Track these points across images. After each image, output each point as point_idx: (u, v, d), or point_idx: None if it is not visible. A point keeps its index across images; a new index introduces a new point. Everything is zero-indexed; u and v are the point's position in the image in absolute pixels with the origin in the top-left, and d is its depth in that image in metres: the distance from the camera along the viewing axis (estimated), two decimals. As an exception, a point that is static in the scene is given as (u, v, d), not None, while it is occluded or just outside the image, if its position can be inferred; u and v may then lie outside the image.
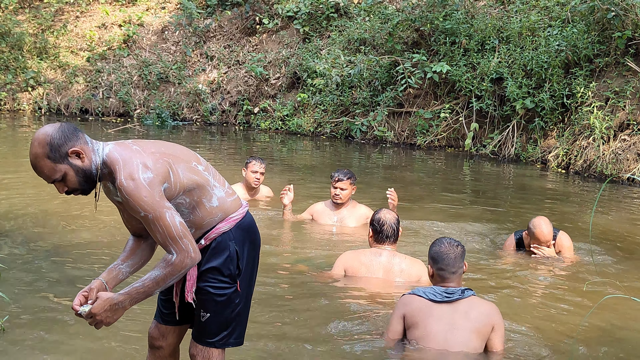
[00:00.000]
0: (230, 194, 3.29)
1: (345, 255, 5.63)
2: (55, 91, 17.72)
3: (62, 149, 2.94)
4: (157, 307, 3.51)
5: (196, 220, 3.19)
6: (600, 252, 6.77)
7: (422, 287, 4.30)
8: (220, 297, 3.24)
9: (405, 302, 4.27)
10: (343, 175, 7.13)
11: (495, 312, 4.22)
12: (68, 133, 2.97)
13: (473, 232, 7.43)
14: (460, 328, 4.11)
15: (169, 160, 3.06)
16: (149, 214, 2.93)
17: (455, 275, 4.21)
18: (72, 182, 3.01)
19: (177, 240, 2.97)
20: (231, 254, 3.23)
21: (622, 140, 11.05)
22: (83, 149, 2.99)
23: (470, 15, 14.19)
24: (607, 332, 4.81)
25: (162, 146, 3.15)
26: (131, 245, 3.33)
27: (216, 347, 3.31)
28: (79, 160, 2.98)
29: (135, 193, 2.91)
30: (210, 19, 17.91)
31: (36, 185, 9.08)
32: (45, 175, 2.99)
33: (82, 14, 19.28)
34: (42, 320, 4.66)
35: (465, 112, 13.47)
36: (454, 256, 4.21)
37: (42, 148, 2.93)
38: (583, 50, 12.06)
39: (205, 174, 3.20)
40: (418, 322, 4.17)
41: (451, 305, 4.15)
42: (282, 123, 15.64)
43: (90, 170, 3.01)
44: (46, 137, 2.93)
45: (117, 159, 2.98)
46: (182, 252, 2.98)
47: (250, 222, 3.36)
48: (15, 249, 6.25)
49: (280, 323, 4.76)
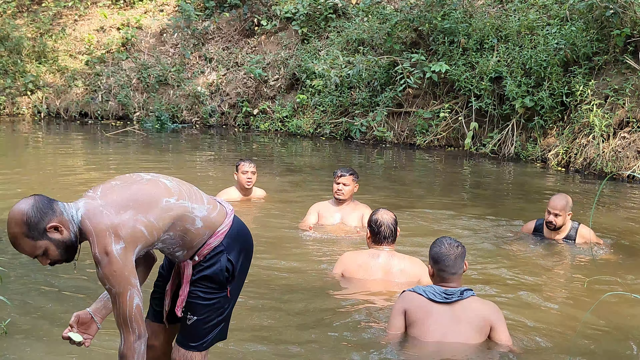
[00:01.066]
0: (212, 209, 3.28)
1: (343, 257, 5.63)
2: (55, 95, 17.73)
3: (39, 225, 2.94)
4: (150, 306, 3.53)
5: (186, 244, 3.23)
6: (601, 249, 6.77)
7: (423, 286, 4.33)
8: (209, 301, 3.29)
9: (407, 298, 4.31)
10: (346, 171, 7.17)
11: (494, 311, 4.26)
12: (43, 208, 2.96)
13: (473, 230, 7.42)
14: (458, 328, 4.15)
15: (139, 215, 3.03)
16: (113, 288, 3.00)
17: (455, 275, 4.24)
18: (54, 255, 3.03)
19: (127, 320, 3.06)
20: (222, 265, 3.27)
21: (621, 137, 11.05)
22: (61, 221, 2.98)
23: (469, 14, 14.18)
24: (608, 329, 4.82)
25: (132, 197, 3.07)
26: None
27: (200, 350, 3.35)
28: (58, 233, 2.99)
29: (108, 267, 2.97)
30: (208, 21, 17.91)
31: (36, 190, 9.09)
32: (27, 253, 3.01)
33: (81, 18, 19.29)
34: (44, 323, 4.67)
35: (464, 111, 13.47)
36: (454, 257, 4.23)
37: (19, 228, 2.93)
38: (582, 49, 12.05)
39: (180, 203, 3.17)
40: (417, 320, 4.21)
41: (450, 306, 4.18)
42: (282, 124, 15.64)
43: (71, 239, 3.03)
44: (22, 216, 2.92)
45: (90, 229, 2.99)
46: (127, 335, 3.08)
47: (239, 228, 3.37)
48: (16, 253, 6.23)
49: (276, 324, 4.75)
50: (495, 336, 4.20)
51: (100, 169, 11.07)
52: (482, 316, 4.20)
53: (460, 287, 4.26)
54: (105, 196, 3.07)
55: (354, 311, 5.01)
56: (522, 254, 6.60)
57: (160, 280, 3.50)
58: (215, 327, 3.34)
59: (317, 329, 4.69)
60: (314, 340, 4.50)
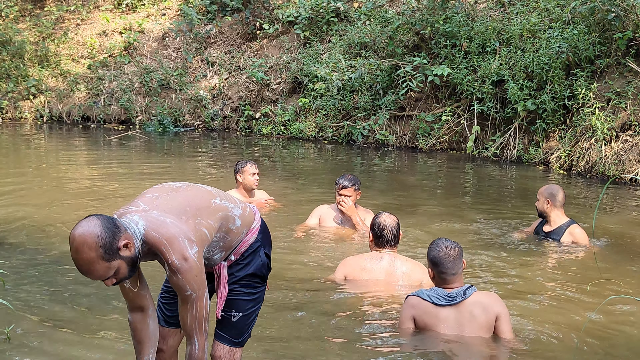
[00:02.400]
0: (245, 207, 3.37)
1: (346, 261, 5.63)
2: (57, 99, 17.76)
3: (113, 245, 2.86)
4: (159, 309, 3.53)
5: (226, 245, 3.27)
6: (603, 252, 6.77)
7: (426, 290, 4.39)
8: (253, 296, 3.39)
9: (413, 303, 4.39)
10: (348, 182, 7.08)
11: (497, 301, 4.36)
12: (112, 227, 2.87)
13: (475, 234, 7.42)
14: (467, 328, 4.24)
15: (199, 218, 3.06)
16: (194, 293, 3.00)
17: (456, 275, 4.31)
18: (123, 274, 2.96)
19: (202, 324, 3.09)
20: (263, 260, 3.39)
21: (624, 141, 11.04)
22: (127, 237, 2.92)
23: (471, 17, 14.19)
24: (611, 332, 4.81)
25: (184, 204, 3.08)
26: (141, 330, 3.29)
27: (242, 345, 3.45)
28: (128, 250, 2.92)
29: (189, 273, 2.95)
30: (210, 25, 17.93)
31: (39, 193, 9.11)
32: (100, 276, 2.90)
33: (83, 22, 19.33)
34: (48, 328, 4.66)
35: (466, 114, 13.47)
36: (453, 258, 4.29)
37: (94, 251, 2.82)
38: (584, 52, 12.05)
39: (223, 204, 3.24)
40: (426, 325, 4.31)
41: (455, 308, 4.26)
42: (284, 128, 15.65)
43: (136, 255, 2.97)
44: (96, 238, 2.82)
45: (160, 239, 2.94)
46: (201, 337, 3.10)
47: (265, 224, 3.50)
48: (19, 257, 6.25)
49: (277, 327, 4.75)
50: (499, 326, 4.29)
51: (103, 173, 11.08)
52: (488, 310, 4.28)
53: (462, 286, 4.32)
54: (156, 207, 3.05)
55: (356, 314, 5.00)
56: (524, 257, 6.59)
57: (169, 284, 3.48)
58: (253, 322, 3.45)
59: (319, 332, 4.69)
60: (316, 344, 4.50)
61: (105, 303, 5.17)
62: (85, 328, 4.69)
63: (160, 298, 3.52)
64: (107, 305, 5.13)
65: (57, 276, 5.76)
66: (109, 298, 5.22)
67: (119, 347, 4.33)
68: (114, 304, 5.12)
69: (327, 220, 7.30)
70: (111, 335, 4.58)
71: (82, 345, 4.40)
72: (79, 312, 5.01)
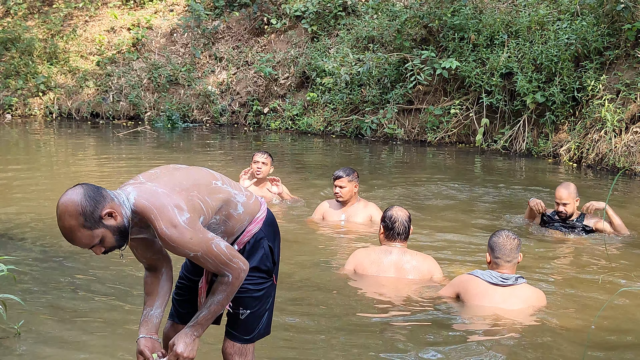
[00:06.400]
0: (250, 196, 3.36)
1: (355, 254, 5.63)
2: (66, 96, 17.80)
3: (95, 214, 2.88)
4: (173, 307, 3.53)
5: (227, 230, 3.26)
6: (614, 244, 6.75)
7: (480, 270, 4.89)
8: (259, 292, 3.35)
9: (464, 279, 4.92)
10: (342, 172, 7.08)
11: (542, 299, 4.87)
12: (95, 196, 2.90)
13: (484, 227, 7.41)
14: (511, 307, 4.70)
15: (194, 192, 3.07)
16: (198, 252, 3.00)
17: (510, 264, 4.77)
18: (110, 242, 2.97)
19: (228, 263, 3.08)
20: (266, 251, 3.35)
21: (634, 132, 10.98)
22: (113, 207, 2.93)
23: (479, 10, 14.14)
24: (623, 324, 4.81)
25: (182, 179, 3.12)
26: (151, 284, 3.34)
27: (252, 342, 3.43)
28: (113, 219, 2.93)
29: (181, 239, 2.95)
30: (218, 20, 17.93)
31: (50, 189, 9.14)
32: (83, 244, 2.94)
33: (91, 19, 19.35)
34: (58, 324, 4.68)
35: (475, 107, 13.43)
36: (510, 247, 4.76)
37: (75, 219, 2.87)
38: (593, 43, 11.99)
39: (225, 187, 3.24)
40: (470, 299, 4.79)
41: (506, 289, 4.73)
42: (292, 123, 15.64)
43: (124, 225, 2.97)
44: (76, 206, 2.86)
45: (150, 207, 2.95)
46: (235, 270, 3.11)
47: (272, 217, 3.46)
48: (29, 253, 6.27)
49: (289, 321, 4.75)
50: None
51: (112, 169, 11.11)
52: (531, 302, 4.77)
53: (514, 274, 4.78)
54: (153, 180, 3.09)
55: (366, 308, 5.01)
56: (534, 248, 6.57)
57: (184, 281, 3.49)
58: (264, 316, 3.41)
59: (329, 325, 4.69)
60: (325, 337, 4.50)
61: (115, 298, 5.18)
62: (95, 323, 4.70)
63: (173, 294, 3.52)
64: (118, 300, 5.15)
65: (66, 272, 5.77)
66: (120, 293, 5.24)
67: (129, 343, 4.34)
68: (124, 300, 5.13)
69: (329, 215, 7.31)
70: (120, 330, 4.59)
71: (92, 340, 4.41)
72: (89, 307, 5.02)
